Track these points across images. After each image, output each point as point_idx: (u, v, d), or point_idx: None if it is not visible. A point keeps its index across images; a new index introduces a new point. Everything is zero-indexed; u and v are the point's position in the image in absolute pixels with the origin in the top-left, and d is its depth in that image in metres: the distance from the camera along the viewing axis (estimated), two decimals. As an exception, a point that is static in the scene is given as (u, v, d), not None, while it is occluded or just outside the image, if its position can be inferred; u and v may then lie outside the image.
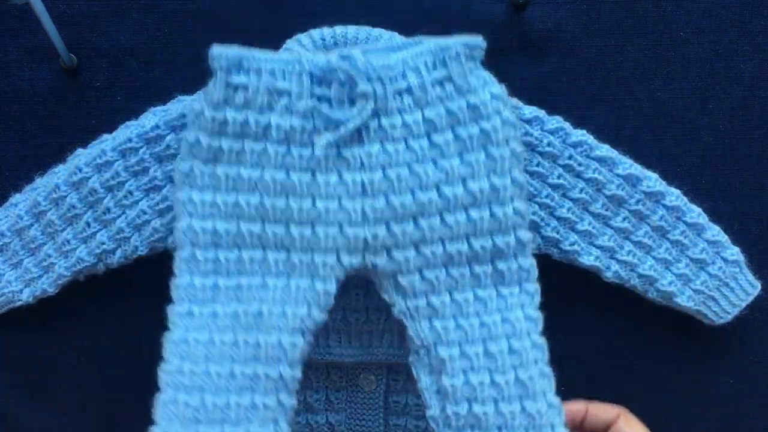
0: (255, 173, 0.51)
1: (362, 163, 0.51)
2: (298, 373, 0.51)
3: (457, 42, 0.51)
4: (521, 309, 0.52)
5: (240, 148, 0.51)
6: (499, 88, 0.52)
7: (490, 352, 0.52)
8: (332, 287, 0.52)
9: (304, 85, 0.50)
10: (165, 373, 0.51)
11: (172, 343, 0.51)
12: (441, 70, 0.51)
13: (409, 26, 0.56)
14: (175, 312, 0.52)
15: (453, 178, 0.51)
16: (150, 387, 0.62)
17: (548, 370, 0.52)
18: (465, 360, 0.52)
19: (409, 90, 0.50)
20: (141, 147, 0.55)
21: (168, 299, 0.58)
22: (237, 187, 0.51)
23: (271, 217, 0.51)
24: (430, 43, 0.51)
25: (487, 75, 0.52)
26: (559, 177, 0.56)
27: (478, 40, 0.52)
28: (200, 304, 0.51)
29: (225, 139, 0.51)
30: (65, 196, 0.56)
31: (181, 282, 0.52)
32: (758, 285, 0.59)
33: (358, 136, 0.51)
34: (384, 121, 0.50)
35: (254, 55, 0.50)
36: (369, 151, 0.50)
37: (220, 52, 0.50)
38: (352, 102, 0.50)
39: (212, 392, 0.51)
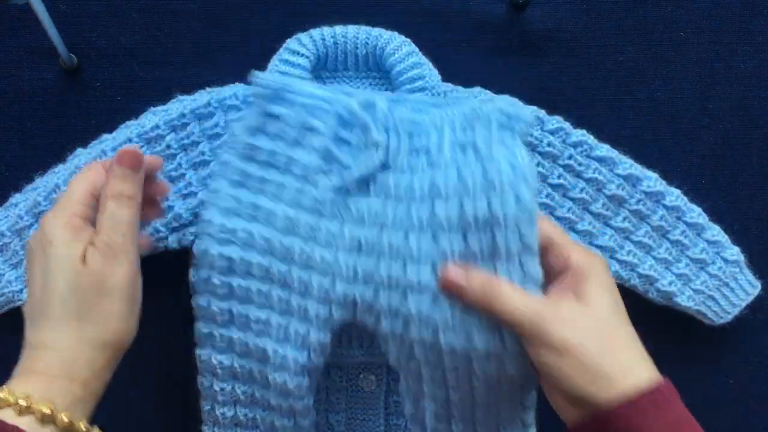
0: (271, 205, 0.50)
1: (362, 217, 0.48)
2: (310, 401, 0.53)
3: (494, 108, 0.45)
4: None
5: (264, 177, 0.51)
6: (525, 165, 0.44)
7: (477, 417, 0.50)
8: (326, 338, 0.50)
9: (330, 126, 0.49)
10: (201, 387, 0.54)
11: (200, 360, 0.54)
12: (468, 134, 0.45)
13: (409, 26, 0.56)
14: (199, 330, 0.53)
15: (451, 259, 0.45)
16: (150, 385, 0.62)
17: (531, 419, 0.50)
18: (447, 410, 0.50)
19: (426, 150, 0.47)
20: (141, 147, 0.55)
21: (167, 299, 0.58)
22: (254, 216, 0.51)
23: (277, 253, 0.50)
24: (466, 106, 0.46)
25: (518, 149, 0.44)
26: (559, 177, 0.56)
27: (522, 112, 0.45)
28: (219, 327, 0.53)
29: (253, 165, 0.51)
30: (65, 196, 0.56)
31: (200, 302, 0.53)
32: (758, 285, 0.59)
33: (366, 187, 0.49)
34: (392, 178, 0.48)
35: (294, 88, 0.49)
36: (370, 205, 0.48)
37: (264, 81, 0.49)
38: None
39: (243, 406, 0.54)
